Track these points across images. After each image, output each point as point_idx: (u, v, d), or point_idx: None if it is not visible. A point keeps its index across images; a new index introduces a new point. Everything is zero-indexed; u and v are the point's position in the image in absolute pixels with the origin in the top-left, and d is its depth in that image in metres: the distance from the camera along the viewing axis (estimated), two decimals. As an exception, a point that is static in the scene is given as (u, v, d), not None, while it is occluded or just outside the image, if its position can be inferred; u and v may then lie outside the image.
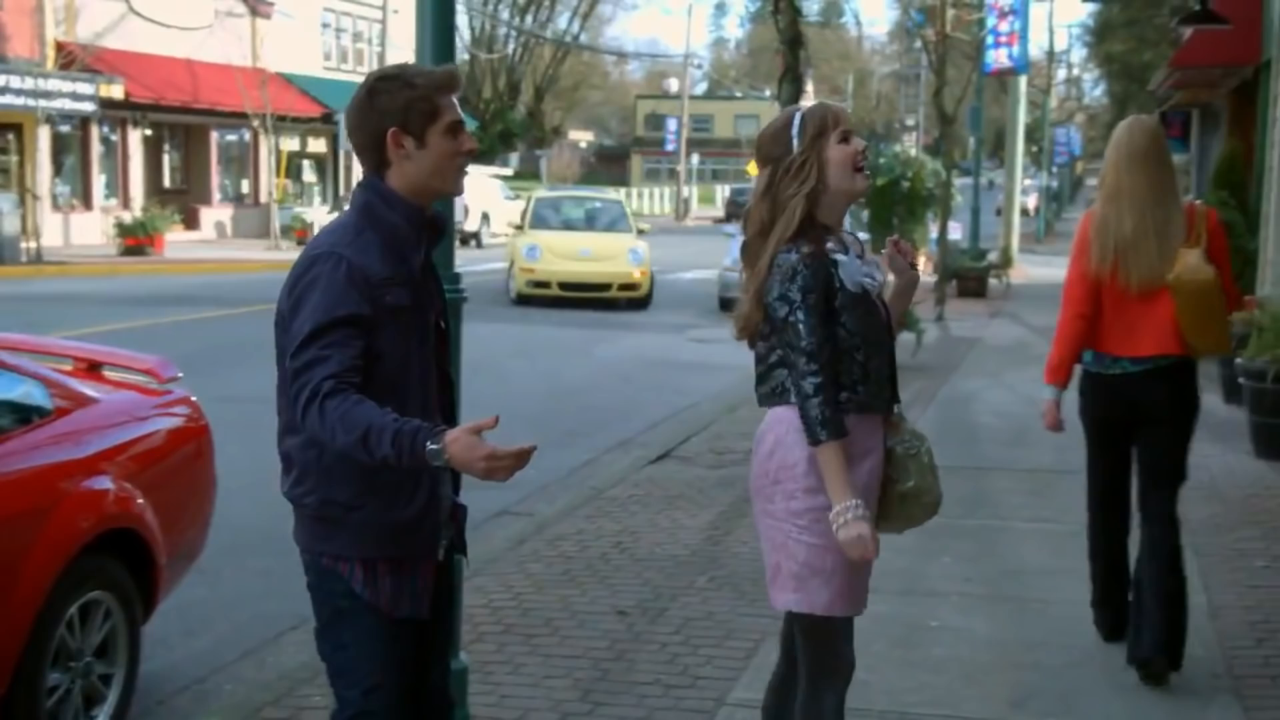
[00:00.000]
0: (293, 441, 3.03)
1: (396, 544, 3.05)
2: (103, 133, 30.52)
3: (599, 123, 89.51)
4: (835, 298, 3.24)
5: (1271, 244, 12.32)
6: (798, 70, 8.67)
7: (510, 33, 64.37)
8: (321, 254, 2.95)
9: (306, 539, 3.09)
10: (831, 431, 3.18)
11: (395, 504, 3.02)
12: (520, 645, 5.25)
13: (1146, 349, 4.86)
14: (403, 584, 3.07)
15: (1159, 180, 4.85)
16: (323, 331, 2.87)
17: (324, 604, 3.10)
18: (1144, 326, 4.85)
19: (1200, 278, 4.76)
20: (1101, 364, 4.97)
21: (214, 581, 6.24)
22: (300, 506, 3.07)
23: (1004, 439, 9.76)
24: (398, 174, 3.01)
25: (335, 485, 3.00)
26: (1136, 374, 4.89)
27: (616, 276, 20.60)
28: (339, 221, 3.08)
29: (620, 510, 7.46)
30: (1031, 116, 41.60)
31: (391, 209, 3.02)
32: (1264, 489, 8.01)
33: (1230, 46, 16.15)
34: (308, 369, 2.86)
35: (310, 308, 2.90)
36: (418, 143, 2.98)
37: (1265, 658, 5.16)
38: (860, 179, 3.34)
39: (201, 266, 25.78)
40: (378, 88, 3.01)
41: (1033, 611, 5.74)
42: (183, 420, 5.09)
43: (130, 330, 15.23)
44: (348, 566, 3.03)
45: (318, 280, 2.92)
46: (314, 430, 2.85)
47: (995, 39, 27.87)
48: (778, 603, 3.42)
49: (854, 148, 3.31)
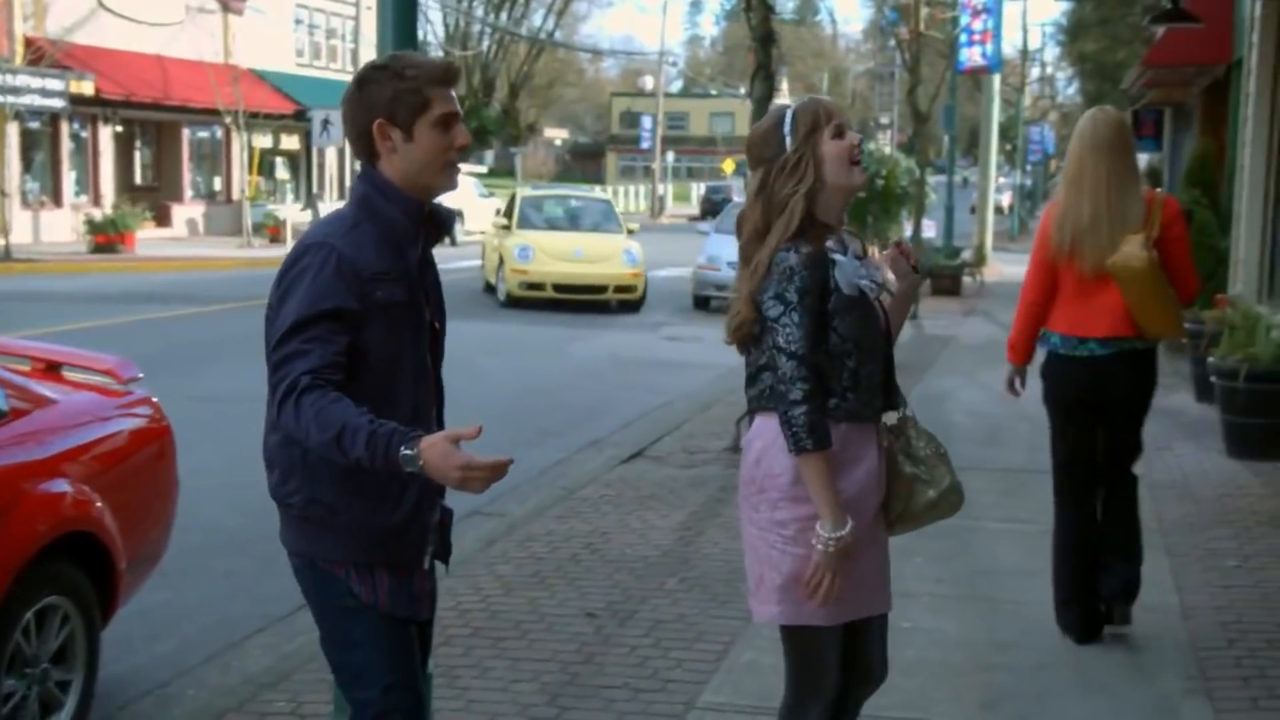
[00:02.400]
0: (275, 439, 2.95)
1: (385, 549, 2.97)
2: (73, 129, 30.27)
3: (574, 120, 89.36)
4: (830, 300, 3.16)
5: (1243, 243, 12.35)
6: (769, 68, 8.62)
7: (485, 30, 64.20)
8: (313, 244, 2.88)
9: (296, 540, 3.01)
10: (816, 441, 3.09)
11: (382, 507, 2.94)
12: (488, 649, 5.19)
13: (1102, 330, 5.07)
14: (400, 585, 3.00)
15: (1119, 169, 5.01)
16: (305, 324, 2.79)
17: (327, 607, 3.01)
18: (1100, 309, 5.06)
19: (1134, 264, 4.92)
20: (1069, 346, 5.15)
21: (179, 584, 6.15)
22: (285, 506, 2.99)
23: (977, 438, 9.73)
24: (387, 167, 2.94)
25: (320, 485, 2.92)
26: (1104, 356, 5.10)
27: (613, 278, 19.98)
28: (337, 213, 3.01)
29: (591, 511, 7.41)
30: (1005, 115, 41.75)
31: (389, 201, 2.94)
32: (1236, 488, 8.01)
33: (1202, 45, 16.19)
34: (286, 362, 2.79)
35: (296, 299, 2.83)
36: (405, 135, 2.90)
37: (1237, 659, 5.13)
38: (857, 173, 3.25)
39: (173, 264, 25.60)
40: (368, 77, 2.94)
41: (1005, 612, 5.71)
42: (143, 421, 5.00)
43: (100, 329, 15.10)
44: (344, 569, 2.96)
45: (306, 271, 2.85)
46: (289, 426, 2.77)
47: (969, 37, 27.94)
48: (760, 616, 3.34)
49: (849, 142, 3.23)
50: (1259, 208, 12.31)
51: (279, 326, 2.83)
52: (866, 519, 3.25)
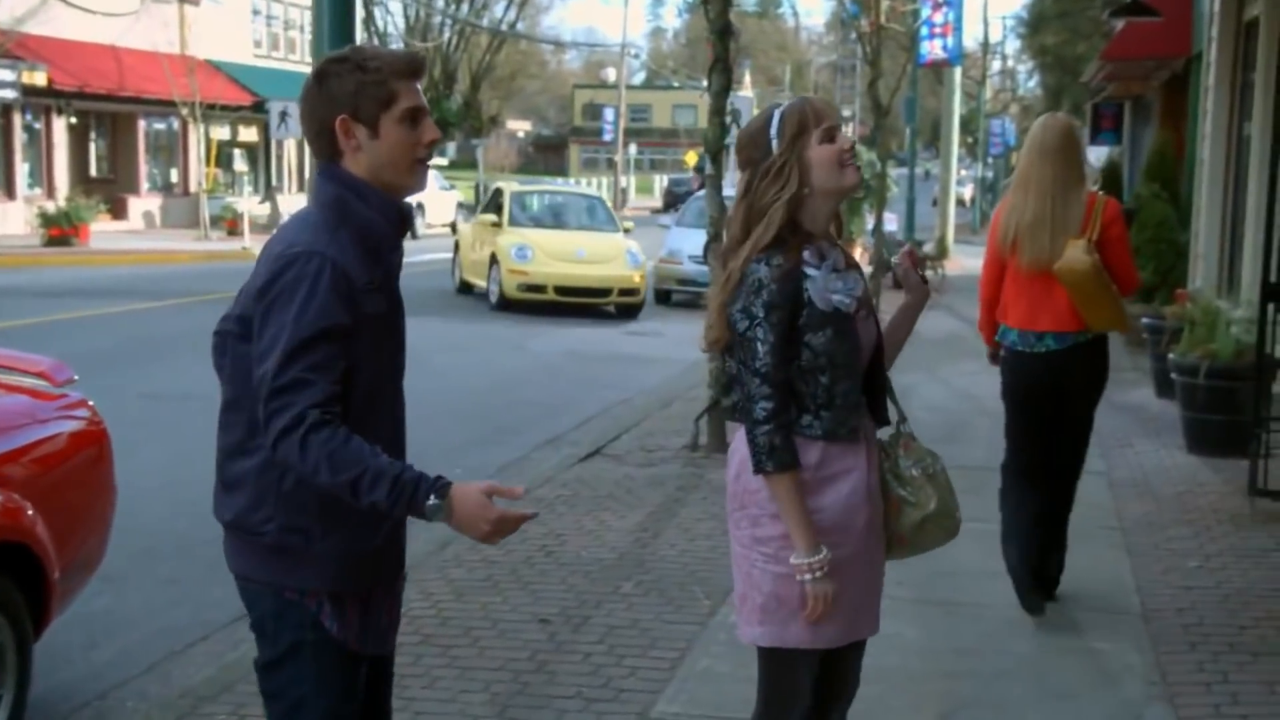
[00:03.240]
0: (248, 463, 2.73)
1: (361, 576, 2.80)
2: (26, 120, 29.80)
3: (537, 112, 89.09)
4: (802, 315, 3.01)
5: (1203, 238, 12.35)
6: (728, 60, 8.49)
7: (446, 21, 63.81)
8: (300, 253, 2.65)
9: (259, 570, 2.79)
10: (777, 463, 2.97)
11: (361, 533, 2.77)
12: (437, 657, 5.05)
13: (1052, 325, 5.35)
14: (371, 618, 2.85)
15: (1064, 174, 5.28)
16: (306, 348, 2.58)
17: (280, 636, 2.80)
18: (1045, 305, 5.34)
19: (1078, 267, 5.21)
20: (1026, 343, 5.42)
21: (120, 590, 6.00)
22: (254, 535, 2.75)
23: (937, 435, 9.58)
24: (352, 167, 2.74)
25: (298, 512, 2.72)
26: (1060, 350, 5.36)
27: (617, 280, 18.42)
28: (307, 217, 2.76)
29: (547, 512, 7.27)
30: (967, 108, 41.82)
31: (365, 203, 2.73)
32: (1196, 485, 7.96)
33: (1161, 39, 16.22)
34: (288, 392, 2.57)
35: (292, 317, 2.60)
36: (370, 132, 2.71)
37: (1199, 663, 5.05)
38: (850, 173, 3.09)
39: (128, 257, 25.24)
40: (327, 70, 2.75)
41: (966, 616, 5.62)
42: (79, 425, 4.83)
43: (49, 324, 14.87)
44: (315, 600, 2.77)
45: (299, 284, 2.62)
46: (289, 461, 2.59)
47: (930, 30, 27.94)
48: (745, 637, 3.22)
49: (839, 146, 3.07)
50: (1218, 202, 12.31)
51: (270, 347, 2.61)
52: (853, 538, 3.11)
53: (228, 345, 2.77)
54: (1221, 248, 12.26)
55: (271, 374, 2.60)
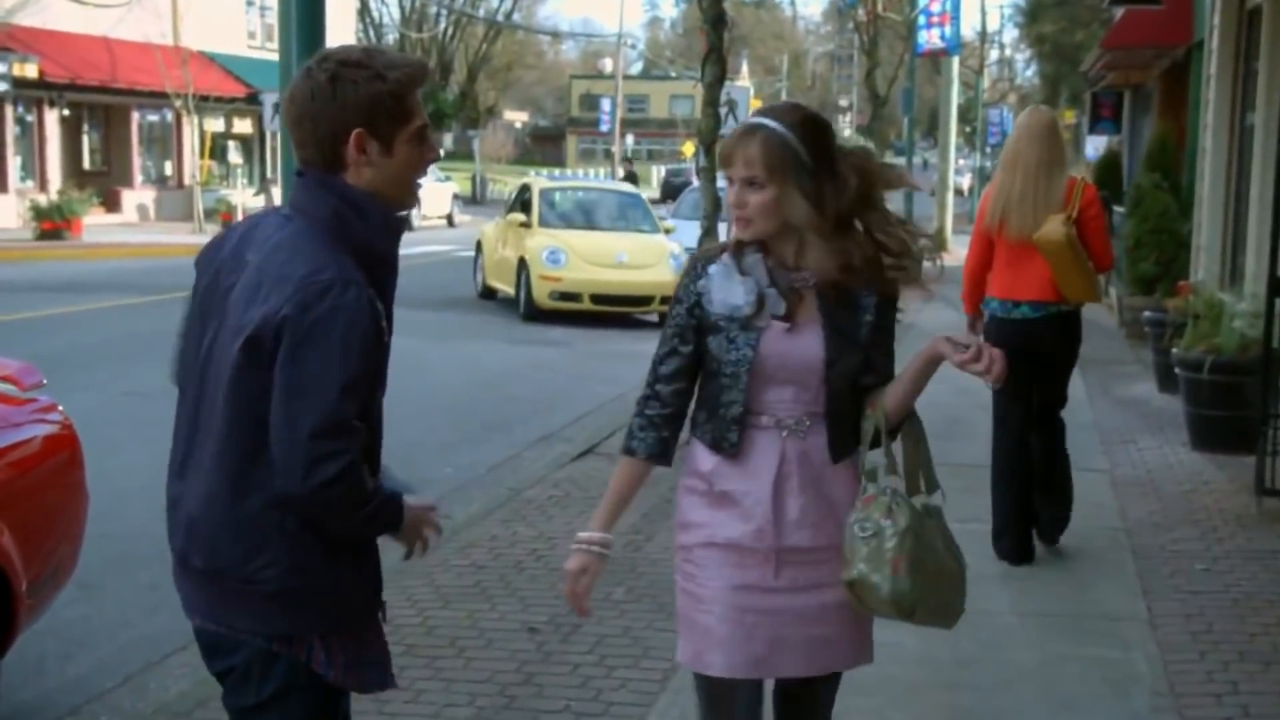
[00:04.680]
0: (244, 505, 2.51)
1: (354, 610, 2.65)
2: (17, 113, 29.58)
3: (534, 103, 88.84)
4: (698, 314, 2.93)
5: (1205, 229, 12.18)
6: (722, 51, 8.33)
7: (441, 11, 63.53)
8: (334, 280, 2.43)
9: (252, 620, 2.57)
10: (623, 446, 2.98)
11: (359, 567, 2.63)
12: (422, 669, 4.89)
13: (1031, 295, 6.02)
14: (362, 655, 2.67)
15: (1047, 156, 5.95)
16: (355, 388, 2.43)
17: (265, 685, 2.61)
18: (1027, 277, 6.02)
19: (1054, 237, 5.86)
20: (1005, 310, 6.12)
21: (98, 597, 5.85)
22: (249, 584, 2.54)
23: (934, 431, 9.30)
24: (354, 180, 2.54)
25: (304, 552, 2.54)
26: (1035, 319, 6.05)
27: (660, 288, 15.83)
28: (305, 232, 2.52)
29: (538, 514, 7.12)
30: (965, 97, 41.57)
31: (365, 219, 2.53)
32: (1201, 484, 7.80)
33: (1161, 27, 16.05)
34: (338, 438, 2.41)
35: (338, 355, 2.41)
36: (383, 149, 2.52)
37: (1208, 673, 4.90)
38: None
39: (121, 251, 25.05)
40: (343, 74, 2.51)
41: (967, 623, 5.39)
42: (47, 431, 4.67)
43: (37, 320, 14.70)
44: (303, 646, 2.59)
45: (337, 316, 2.41)
46: (322, 509, 2.47)
47: (927, 19, 27.75)
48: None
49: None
50: (1221, 193, 12.14)
51: (314, 388, 2.41)
52: (752, 565, 2.91)
53: (222, 368, 2.53)
54: (1224, 239, 12.09)
55: (318, 417, 2.41)
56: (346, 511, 2.50)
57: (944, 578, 2.95)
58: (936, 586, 2.93)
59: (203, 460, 2.57)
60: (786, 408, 2.92)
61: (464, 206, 42.79)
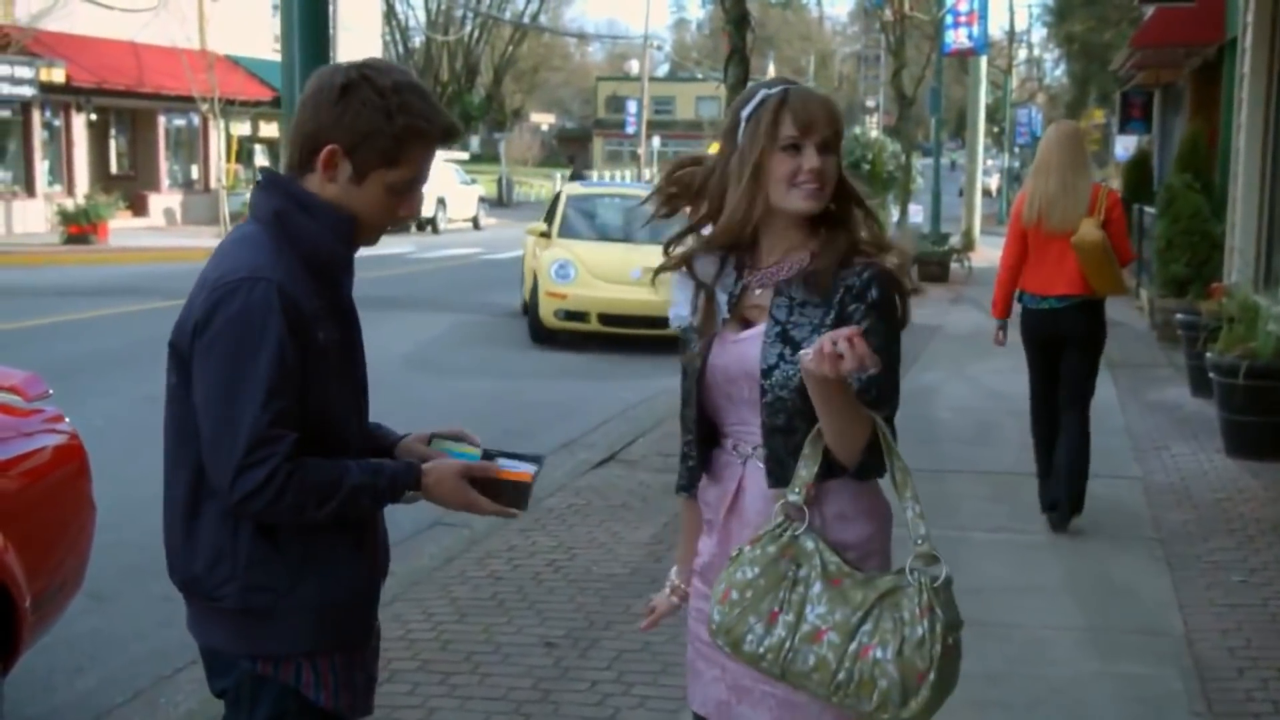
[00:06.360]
0: (199, 515, 2.42)
1: (338, 628, 2.50)
2: (45, 118, 29.69)
3: (560, 105, 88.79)
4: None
5: (1239, 231, 11.96)
6: (745, 51, 8.19)
7: (467, 14, 63.54)
8: (242, 280, 2.34)
9: (229, 641, 2.48)
10: (676, 484, 2.78)
11: (335, 578, 2.47)
12: (436, 685, 4.78)
13: (1061, 289, 6.69)
14: (353, 676, 2.56)
15: (1074, 159, 6.67)
16: (269, 396, 2.31)
17: (257, 711, 2.50)
18: (1059, 272, 6.68)
19: (1090, 239, 6.54)
20: (1035, 302, 6.83)
21: (110, 609, 5.75)
22: (212, 600, 2.44)
23: (964, 437, 9.34)
24: (315, 190, 2.44)
25: (262, 566, 2.42)
26: (1061, 308, 6.74)
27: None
28: (247, 236, 2.45)
29: (557, 523, 7.00)
30: (993, 97, 41.34)
31: (311, 217, 2.42)
32: (1237, 491, 7.62)
33: (1193, 25, 15.83)
34: (256, 449, 2.30)
35: (243, 362, 2.31)
36: (355, 178, 2.42)
37: (1247, 691, 4.73)
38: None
39: (146, 255, 25.07)
40: (359, 89, 2.41)
41: (995, 638, 5.30)
42: (53, 442, 4.57)
43: (61, 324, 14.67)
44: (291, 669, 2.47)
45: (246, 317, 2.32)
46: (263, 518, 2.36)
47: (954, 19, 27.49)
48: None
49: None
50: (1255, 193, 11.92)
51: (223, 397, 2.32)
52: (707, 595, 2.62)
53: (167, 387, 2.48)
54: (1258, 241, 11.86)
55: (230, 430, 2.31)
56: (292, 514, 2.36)
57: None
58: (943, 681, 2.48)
59: (166, 475, 2.52)
60: (745, 430, 2.56)
61: (490, 209, 42.77)
